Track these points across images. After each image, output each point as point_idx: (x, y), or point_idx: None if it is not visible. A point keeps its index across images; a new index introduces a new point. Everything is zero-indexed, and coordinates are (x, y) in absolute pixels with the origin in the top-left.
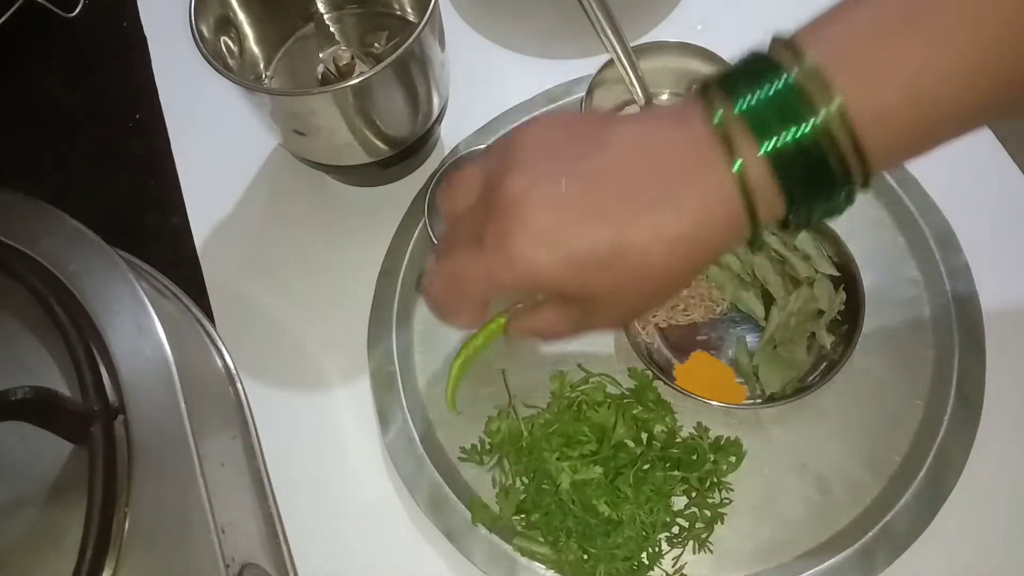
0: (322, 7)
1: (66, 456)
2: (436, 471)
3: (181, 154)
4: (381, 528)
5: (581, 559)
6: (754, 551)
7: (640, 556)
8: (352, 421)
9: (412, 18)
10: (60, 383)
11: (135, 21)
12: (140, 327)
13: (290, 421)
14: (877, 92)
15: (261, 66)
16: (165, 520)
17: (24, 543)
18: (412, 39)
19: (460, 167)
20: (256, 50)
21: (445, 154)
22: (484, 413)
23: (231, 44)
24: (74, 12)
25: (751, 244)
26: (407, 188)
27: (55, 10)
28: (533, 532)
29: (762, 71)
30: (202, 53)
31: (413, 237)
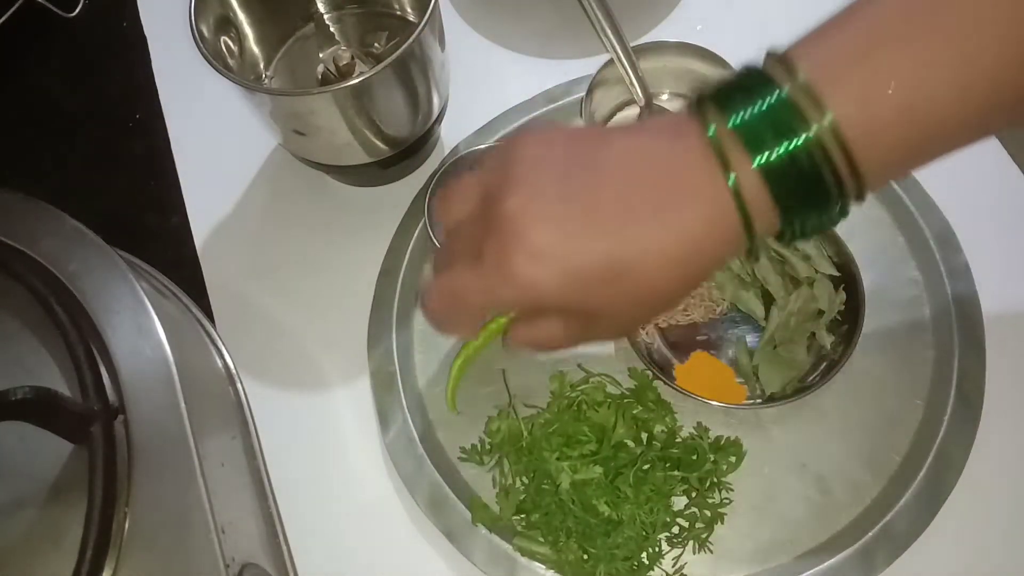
0: (322, 7)
1: (66, 456)
2: (436, 471)
3: (181, 154)
4: (381, 528)
5: (581, 559)
6: (754, 551)
7: (640, 556)
8: (352, 421)
9: (412, 18)
10: (60, 383)
11: (135, 21)
12: (140, 327)
13: (290, 421)
14: (869, 108)
15: (261, 66)
16: (165, 520)
17: (24, 543)
18: (412, 39)
19: (457, 174)
20: (256, 50)
21: (445, 154)
22: (484, 413)
23: (231, 44)
24: (74, 12)
25: (748, 255)
26: (407, 188)
27: (55, 10)
28: (533, 532)
29: (755, 86)
30: (202, 53)
31: (413, 237)
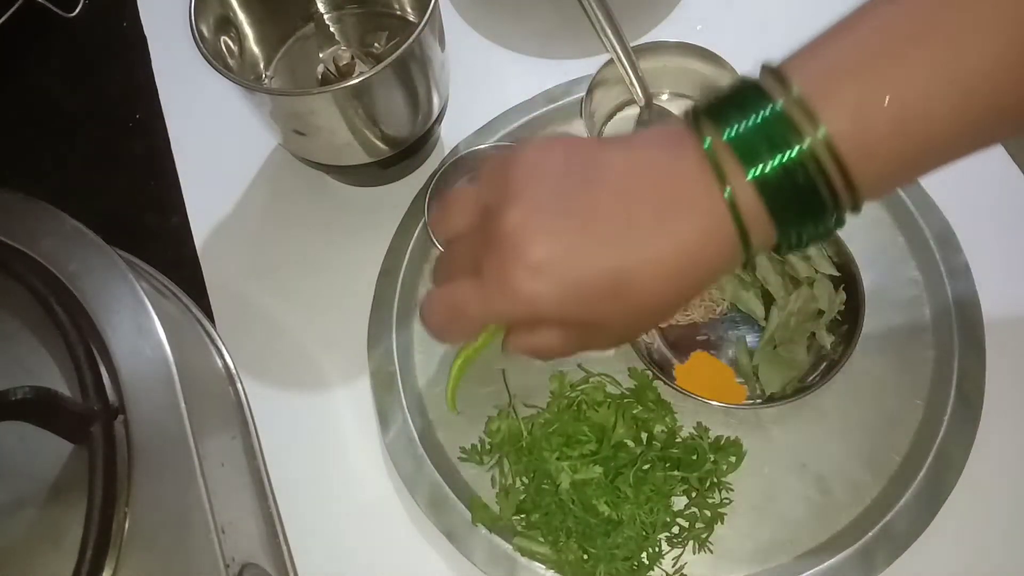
0: (322, 7)
1: (66, 456)
2: (436, 471)
3: (181, 154)
4: (381, 528)
5: (581, 559)
6: (754, 551)
7: (640, 556)
8: (352, 421)
9: (412, 18)
10: (60, 383)
11: (135, 21)
12: (140, 327)
13: (290, 421)
14: (863, 121)
15: (261, 66)
16: (165, 520)
17: (24, 543)
18: (412, 39)
19: (457, 174)
20: (256, 50)
21: (445, 154)
22: (484, 413)
23: (231, 44)
24: (74, 12)
25: (745, 266)
26: (407, 188)
27: (55, 10)
28: (533, 532)
29: (749, 99)
30: (202, 53)
31: (413, 237)
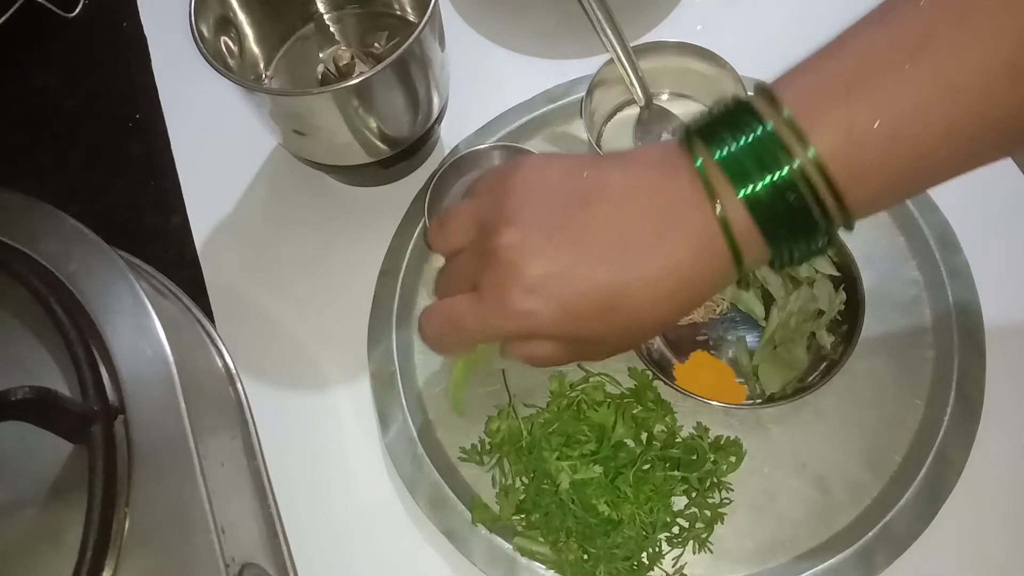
0: (322, 7)
1: (66, 456)
2: (436, 471)
3: (181, 154)
4: (381, 528)
5: (581, 559)
6: (754, 551)
7: (640, 556)
8: (352, 421)
9: (412, 18)
10: (60, 383)
11: (135, 21)
12: (140, 327)
13: (290, 421)
14: (853, 141)
15: (261, 66)
16: (165, 520)
17: (24, 543)
18: (412, 39)
19: (457, 174)
20: (256, 50)
21: (445, 154)
22: (484, 413)
23: (231, 44)
24: (74, 12)
25: (739, 284)
26: (407, 188)
27: (55, 10)
28: (533, 532)
29: (740, 119)
30: (202, 53)
31: (413, 237)
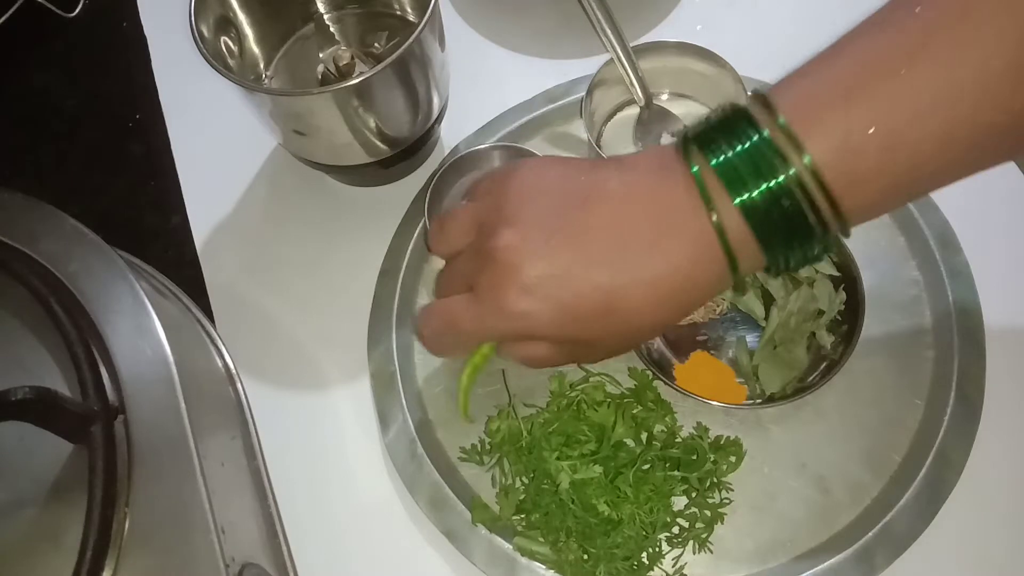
0: (322, 7)
1: (66, 456)
2: (436, 471)
3: (181, 154)
4: (381, 528)
5: (581, 559)
6: (754, 551)
7: (640, 556)
8: (352, 421)
9: (412, 18)
10: (60, 383)
11: (135, 21)
12: (140, 327)
13: (290, 421)
14: (849, 148)
15: (261, 66)
16: (165, 520)
17: (24, 543)
18: (412, 39)
19: (457, 174)
20: (256, 50)
21: (445, 154)
22: (484, 413)
23: (231, 44)
24: (74, 12)
25: (735, 289)
26: (407, 188)
27: (55, 10)
28: (533, 532)
29: (736, 126)
30: (202, 53)
31: (413, 237)
